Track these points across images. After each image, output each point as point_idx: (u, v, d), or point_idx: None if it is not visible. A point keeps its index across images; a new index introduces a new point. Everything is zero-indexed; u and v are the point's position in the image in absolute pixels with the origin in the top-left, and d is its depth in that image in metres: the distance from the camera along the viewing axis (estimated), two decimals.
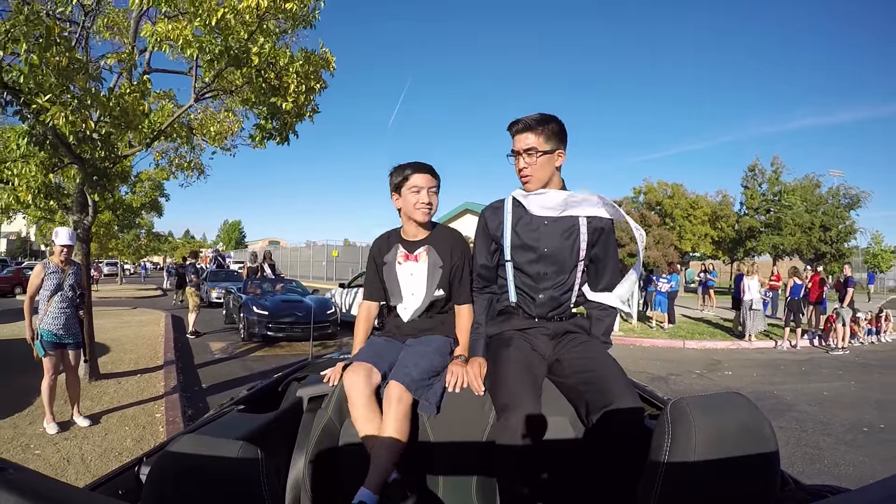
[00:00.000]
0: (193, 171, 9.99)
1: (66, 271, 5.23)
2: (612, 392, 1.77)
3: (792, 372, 9.56)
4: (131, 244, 25.12)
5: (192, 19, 4.33)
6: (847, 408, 6.98)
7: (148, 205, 16.36)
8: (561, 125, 2.06)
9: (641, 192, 29.22)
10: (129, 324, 12.81)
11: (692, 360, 10.56)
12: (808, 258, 27.34)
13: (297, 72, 5.10)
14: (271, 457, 1.06)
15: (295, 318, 10.84)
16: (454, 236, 2.31)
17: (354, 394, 1.98)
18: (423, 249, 2.27)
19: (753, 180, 29.11)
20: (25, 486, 0.65)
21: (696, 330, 14.04)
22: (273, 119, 5.62)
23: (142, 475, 1.52)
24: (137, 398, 6.18)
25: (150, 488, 1.02)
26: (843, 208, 27.96)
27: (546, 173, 2.06)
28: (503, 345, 2.08)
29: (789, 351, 12.04)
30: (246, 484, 0.98)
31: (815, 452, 5.21)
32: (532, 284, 2.12)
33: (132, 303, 19.86)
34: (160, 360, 8.30)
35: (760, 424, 1.17)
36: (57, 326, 5.07)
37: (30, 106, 4.08)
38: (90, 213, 6.34)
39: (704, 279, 18.50)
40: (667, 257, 17.84)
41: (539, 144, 2.03)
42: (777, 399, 7.35)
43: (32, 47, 3.69)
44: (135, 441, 4.85)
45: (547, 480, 1.89)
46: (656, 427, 1.23)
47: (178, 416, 5.50)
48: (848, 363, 10.58)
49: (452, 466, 2.04)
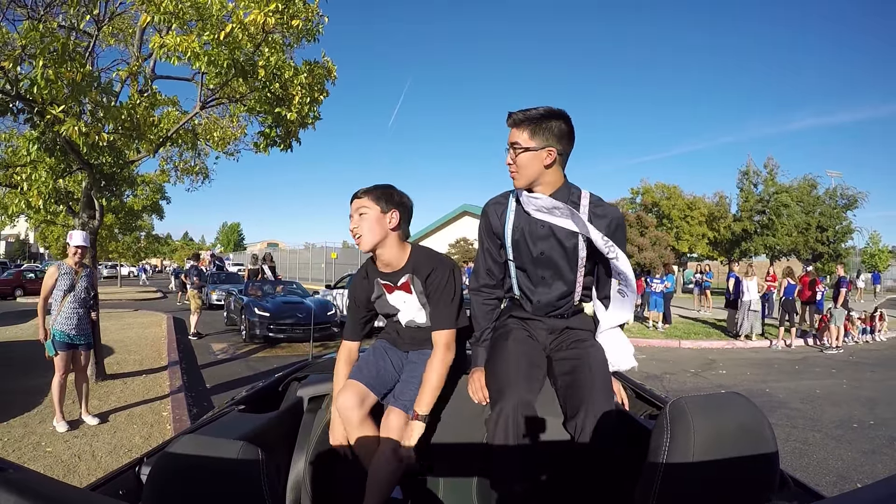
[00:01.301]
0: (199, 175, 10.17)
1: (80, 273, 5.37)
2: (585, 399, 1.77)
3: (785, 371, 9.71)
4: (131, 246, 25.21)
5: (201, 33, 4.48)
6: (837, 404, 7.11)
7: (149, 207, 16.47)
8: (559, 122, 1.91)
9: (639, 193, 29.38)
10: (132, 325, 12.94)
11: (687, 360, 10.71)
12: (804, 258, 27.40)
13: (302, 84, 5.26)
14: (272, 457, 1.06)
15: (296, 320, 11.01)
16: (433, 259, 2.08)
17: (348, 417, 1.96)
18: (405, 279, 2.08)
19: (748, 182, 29.20)
20: (25, 486, 0.65)
21: (692, 330, 14.21)
22: (277, 127, 5.78)
23: (142, 475, 1.53)
24: (144, 397, 6.32)
25: (151, 489, 1.02)
26: (840, 209, 28.00)
27: (532, 171, 1.92)
28: (502, 336, 2.07)
29: (784, 350, 12.20)
30: (246, 484, 0.98)
31: (803, 448, 5.33)
32: (530, 286, 2.08)
33: (134, 305, 19.97)
34: (164, 361, 8.45)
35: (760, 425, 1.16)
36: (69, 327, 5.20)
37: (43, 116, 4.23)
38: (97, 216, 6.49)
39: (701, 280, 18.66)
40: (663, 258, 17.97)
41: (523, 140, 1.91)
42: (769, 397, 7.49)
43: (48, 62, 3.84)
44: (143, 438, 5.00)
45: (543, 479, 1.89)
46: (655, 427, 1.22)
47: (185, 414, 5.64)
48: (841, 362, 10.72)
49: (452, 468, 2.06)
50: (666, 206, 27.99)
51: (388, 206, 2.01)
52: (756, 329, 12.98)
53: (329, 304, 12.60)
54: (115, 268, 38.17)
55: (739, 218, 28.78)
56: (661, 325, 14.25)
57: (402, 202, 2.06)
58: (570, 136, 1.95)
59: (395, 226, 2.02)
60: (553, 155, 1.90)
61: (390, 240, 2.03)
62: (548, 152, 1.90)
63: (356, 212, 2.01)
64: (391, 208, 2.01)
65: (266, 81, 4.99)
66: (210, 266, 21.59)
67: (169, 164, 9.35)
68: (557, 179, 1.97)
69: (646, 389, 2.35)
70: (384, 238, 2.02)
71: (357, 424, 1.95)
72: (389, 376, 2.12)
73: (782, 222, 27.10)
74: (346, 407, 1.96)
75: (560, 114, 1.92)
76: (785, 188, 27.82)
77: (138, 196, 15.67)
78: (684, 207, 28.15)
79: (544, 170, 1.92)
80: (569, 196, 1.97)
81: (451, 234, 31.41)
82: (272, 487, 1.00)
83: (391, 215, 2.01)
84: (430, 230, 35.43)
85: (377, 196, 2.02)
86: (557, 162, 1.93)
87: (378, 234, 2.00)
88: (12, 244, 57.95)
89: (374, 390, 2.04)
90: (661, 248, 18.40)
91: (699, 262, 26.55)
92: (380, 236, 2.00)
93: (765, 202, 27.95)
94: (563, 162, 1.98)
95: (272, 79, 5.04)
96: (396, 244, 2.05)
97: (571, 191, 1.99)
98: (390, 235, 2.03)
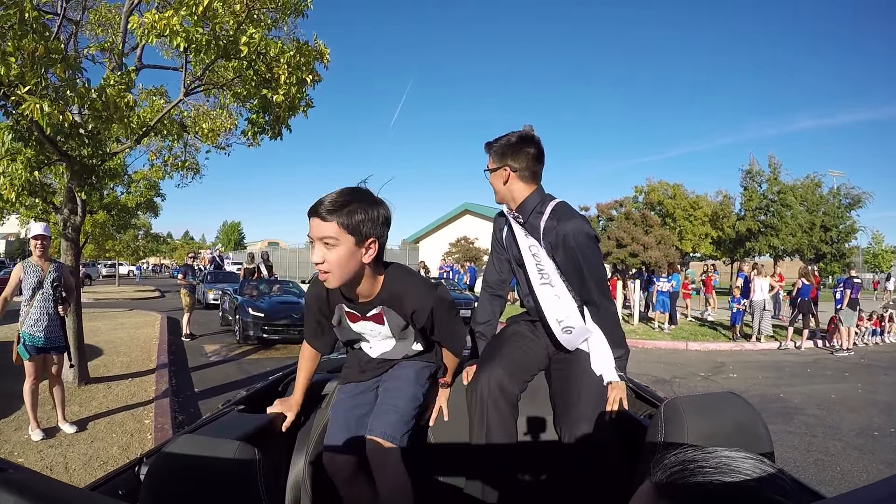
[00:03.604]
0: (189, 170, 9.83)
1: (47, 269, 5.02)
2: (573, 404, 1.89)
3: (797, 374, 9.40)
4: (129, 245, 24.92)
5: (179, 8, 4.15)
6: (855, 411, 6.85)
7: (143, 204, 16.18)
8: (506, 142, 2.06)
9: (643, 191, 29.06)
10: (125, 326, 12.62)
11: (696, 363, 10.40)
12: (808, 258, 27.18)
13: (289, 63, 4.90)
14: (271, 457, 1.05)
15: (291, 320, 10.63)
16: (410, 294, 1.75)
17: (339, 480, 1.86)
18: (376, 311, 1.77)
19: (752, 181, 28.91)
20: (25, 486, 0.64)
21: (699, 331, 13.87)
22: (265, 113, 5.43)
23: (142, 475, 1.49)
24: (127, 403, 6.00)
25: (147, 489, 1.01)
26: (843, 208, 27.79)
27: (498, 189, 2.10)
28: (505, 330, 2.23)
29: (793, 352, 11.87)
30: (243, 484, 0.97)
31: (826, 459, 5.06)
32: (527, 292, 2.16)
33: (130, 304, 19.70)
34: (153, 364, 8.12)
35: (755, 424, 1.17)
36: (38, 329, 4.85)
37: (8, 98, 3.91)
38: (79, 212, 6.17)
39: (707, 280, 18.32)
40: (668, 257, 17.63)
41: (489, 163, 2.11)
42: (784, 403, 7.19)
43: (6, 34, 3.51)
44: (121, 449, 4.68)
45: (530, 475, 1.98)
46: (650, 426, 1.23)
47: (168, 422, 5.32)
48: (853, 365, 10.43)
49: (453, 468, 2.04)
50: (670, 206, 27.67)
51: (366, 234, 1.57)
52: (766, 330, 12.65)
53: None
54: (114, 266, 37.86)
55: (743, 217, 28.50)
56: (666, 325, 13.96)
57: (382, 220, 1.62)
58: (520, 151, 2.04)
59: (371, 258, 1.62)
60: (508, 172, 2.05)
61: (365, 273, 1.66)
62: (503, 170, 2.06)
63: (319, 239, 1.55)
64: (369, 236, 1.58)
65: (250, 60, 4.63)
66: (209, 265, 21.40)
67: (158, 160, 8.99)
68: (523, 193, 2.07)
69: (645, 389, 2.36)
70: (358, 272, 1.63)
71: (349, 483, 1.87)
72: (364, 420, 1.88)
73: (786, 222, 26.85)
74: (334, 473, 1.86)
75: (507, 136, 2.09)
76: (789, 187, 27.57)
77: (132, 193, 15.35)
78: (688, 206, 27.84)
79: (505, 187, 2.08)
80: (533, 208, 2.05)
81: (453, 233, 31.35)
82: (269, 487, 0.99)
83: (369, 245, 1.59)
84: (431, 229, 35.37)
85: (348, 220, 1.54)
86: (514, 178, 2.06)
87: (350, 271, 1.60)
88: (12, 243, 57.72)
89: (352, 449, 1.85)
90: (667, 247, 18.06)
91: (703, 262, 26.29)
92: (353, 273, 1.61)
93: (769, 201, 27.68)
94: (522, 177, 2.06)
95: (256, 58, 4.69)
96: (371, 276, 1.69)
97: (542, 201, 2.06)
98: (366, 269, 1.65)
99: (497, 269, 2.27)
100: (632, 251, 17.93)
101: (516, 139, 2.06)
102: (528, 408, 2.07)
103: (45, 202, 6.08)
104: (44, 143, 4.85)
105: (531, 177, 2.06)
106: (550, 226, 1.96)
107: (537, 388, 2.11)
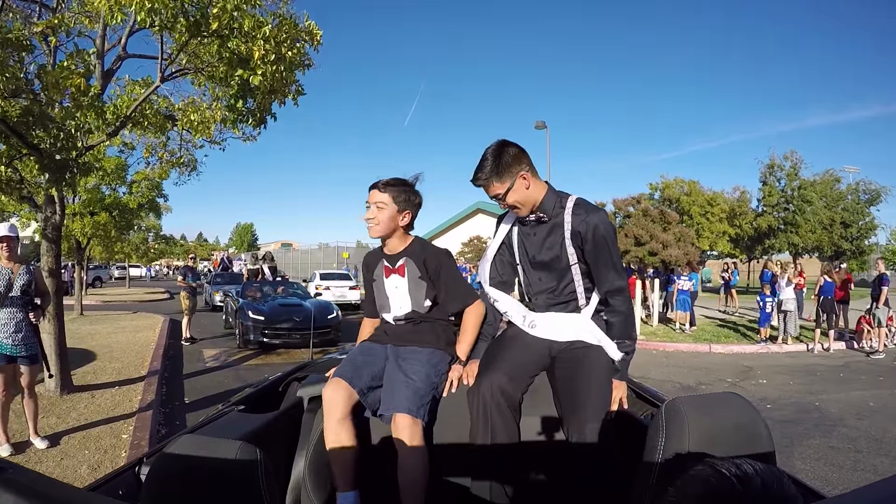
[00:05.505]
0: (185, 167, 9.45)
1: (16, 271, 4.61)
2: (579, 406, 1.90)
3: (830, 379, 8.76)
4: (139, 247, 24.74)
5: None
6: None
7: (146, 205, 15.90)
8: (497, 158, 2.02)
9: (658, 188, 28.34)
10: (125, 329, 12.31)
11: (721, 367, 9.81)
12: (827, 255, 26.38)
13: (265, 38, 4.40)
14: (271, 457, 1.05)
15: (293, 324, 10.21)
16: (427, 248, 2.31)
17: (331, 410, 1.96)
18: (402, 262, 2.26)
19: (772, 176, 28.11)
20: (25, 486, 0.64)
21: (721, 333, 13.22)
22: (244, 99, 4.96)
23: (142, 475, 1.50)
24: (108, 415, 5.60)
25: (149, 489, 1.01)
26: (863, 204, 26.95)
27: (524, 200, 2.07)
28: (506, 333, 2.25)
29: (822, 354, 11.20)
30: (245, 485, 0.97)
31: (875, 479, 4.49)
32: (529, 289, 2.23)
33: (136, 306, 19.50)
34: (145, 370, 7.73)
35: (756, 424, 1.17)
36: (5, 335, 4.45)
37: None
38: (58, 210, 5.78)
39: (727, 278, 17.67)
40: (688, 255, 16.96)
41: (496, 188, 2.06)
42: (821, 412, 6.62)
43: None
44: (91, 468, 4.26)
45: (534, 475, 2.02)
46: (651, 426, 1.24)
47: (146, 437, 4.90)
48: (887, 368, 9.75)
49: (453, 468, 2.03)
50: (686, 202, 26.94)
51: (405, 207, 2.19)
52: (793, 331, 12.00)
53: (330, 306, 11.73)
54: (125, 269, 37.87)
55: (762, 213, 27.71)
56: (687, 327, 13.36)
57: (417, 203, 2.24)
58: (515, 155, 2.03)
59: (405, 224, 2.23)
60: (525, 177, 2.04)
61: (397, 233, 2.24)
62: (520, 178, 2.03)
63: (374, 203, 2.17)
64: (406, 209, 2.20)
65: (221, 34, 4.15)
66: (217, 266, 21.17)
67: (153, 157, 8.62)
68: (539, 193, 2.09)
69: (646, 389, 2.35)
70: (393, 231, 2.21)
71: (336, 421, 1.94)
72: (371, 368, 2.12)
73: (806, 218, 26.07)
74: (329, 401, 1.96)
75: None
76: (809, 182, 26.77)
77: (133, 194, 15.07)
78: (704, 203, 27.08)
79: (526, 192, 2.05)
80: (553, 205, 2.08)
81: (465, 233, 31.20)
82: (270, 487, 0.99)
83: (405, 215, 2.21)
84: (443, 228, 35.21)
85: (396, 194, 2.16)
86: (531, 178, 2.06)
87: (389, 229, 2.20)
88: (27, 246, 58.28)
89: (353, 383, 2.02)
90: (686, 245, 17.39)
91: (723, 260, 25.58)
92: (390, 230, 2.20)
93: (788, 197, 26.91)
94: (535, 173, 2.08)
95: (230, 33, 4.21)
96: (401, 236, 2.26)
97: (559, 198, 2.10)
98: (399, 230, 2.23)
99: (499, 271, 2.29)
100: (651, 249, 17.30)
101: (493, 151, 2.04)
102: (529, 408, 2.08)
103: (22, 200, 5.68)
104: (9, 135, 4.44)
105: (537, 172, 2.11)
106: (578, 219, 2.02)
107: (538, 387, 2.12)
